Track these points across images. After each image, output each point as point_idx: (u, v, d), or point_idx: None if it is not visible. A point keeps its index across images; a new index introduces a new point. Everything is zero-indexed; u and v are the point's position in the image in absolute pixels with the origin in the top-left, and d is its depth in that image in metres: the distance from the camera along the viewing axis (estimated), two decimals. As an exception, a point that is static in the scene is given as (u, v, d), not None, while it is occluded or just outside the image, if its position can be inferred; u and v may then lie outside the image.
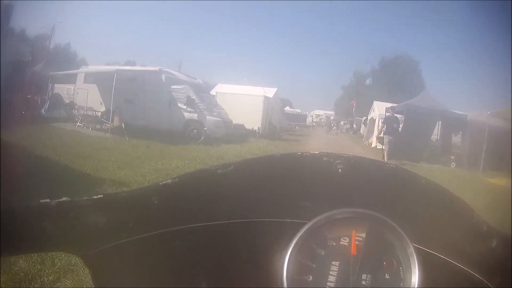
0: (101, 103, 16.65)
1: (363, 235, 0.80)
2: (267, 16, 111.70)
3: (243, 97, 21.82)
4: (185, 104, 16.32)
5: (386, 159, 12.94)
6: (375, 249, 0.80)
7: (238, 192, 0.86)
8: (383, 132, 15.54)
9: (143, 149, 11.32)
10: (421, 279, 0.75)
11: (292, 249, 0.78)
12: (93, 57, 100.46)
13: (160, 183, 0.80)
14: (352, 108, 43.78)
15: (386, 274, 0.78)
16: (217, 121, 16.42)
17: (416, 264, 0.76)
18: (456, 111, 20.19)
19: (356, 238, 0.80)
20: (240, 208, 0.86)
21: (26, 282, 3.12)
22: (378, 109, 23.45)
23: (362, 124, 32.70)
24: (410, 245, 0.78)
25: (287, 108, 45.95)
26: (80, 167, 7.62)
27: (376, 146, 21.21)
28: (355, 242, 0.80)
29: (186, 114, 16.33)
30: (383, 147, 15.47)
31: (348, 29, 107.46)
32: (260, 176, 0.86)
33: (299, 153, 0.86)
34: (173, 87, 16.62)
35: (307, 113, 56.92)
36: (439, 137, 20.35)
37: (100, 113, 16.00)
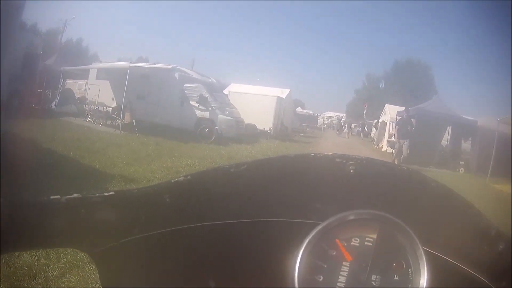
0: (113, 99, 16.76)
1: (374, 236, 0.81)
2: (282, 18, 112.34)
3: (256, 97, 21.86)
4: (198, 103, 16.32)
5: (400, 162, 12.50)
6: (386, 251, 0.80)
7: (251, 192, 0.86)
8: (396, 136, 14.97)
9: (154, 146, 11.35)
10: (429, 281, 0.76)
11: (304, 249, 0.79)
12: (105, 53, 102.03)
13: (172, 181, 0.81)
14: (364, 111, 43.76)
15: (395, 276, 0.79)
16: (229, 120, 16.36)
17: (425, 266, 0.77)
18: (467, 117, 20.06)
19: (366, 239, 0.81)
20: (252, 208, 0.87)
21: (30, 277, 3.07)
22: (390, 113, 23.38)
23: (373, 127, 32.60)
24: (420, 247, 0.78)
25: (299, 109, 46.10)
26: (89, 162, 7.65)
27: (387, 150, 21.08)
28: (344, 249, 0.80)
29: (198, 113, 16.32)
30: (393, 151, 14.92)
31: (362, 33, 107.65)
32: (273, 176, 0.86)
33: (313, 154, 0.87)
34: (186, 85, 16.66)
35: (319, 115, 57.03)
36: (449, 142, 20.24)
37: (111, 109, 16.10)
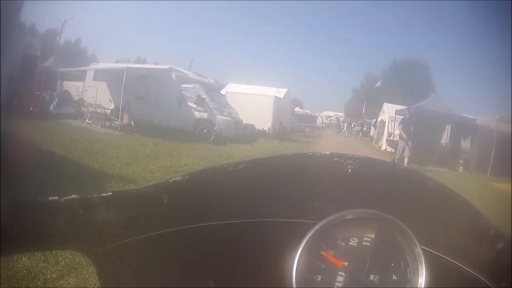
0: (111, 101, 16.70)
1: (372, 236, 0.81)
2: (278, 17, 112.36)
3: (254, 97, 21.83)
4: (195, 103, 16.28)
5: (406, 164, 12.13)
6: (384, 250, 0.80)
7: (248, 191, 0.86)
8: (400, 135, 14.33)
9: (152, 147, 11.32)
10: (428, 281, 0.75)
11: (302, 249, 0.79)
12: (104, 54, 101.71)
13: (170, 181, 0.80)
14: (362, 110, 43.77)
15: (394, 275, 0.78)
16: (227, 121, 16.34)
17: (424, 266, 0.76)
18: (466, 115, 20.01)
19: (365, 239, 0.81)
20: (250, 208, 0.86)
21: (29, 280, 3.05)
22: (388, 111, 23.39)
23: (372, 127, 32.62)
24: (418, 246, 0.78)
25: (297, 109, 46.09)
26: (88, 163, 7.62)
27: (386, 149, 21.05)
28: (332, 258, 0.79)
29: (196, 113, 16.29)
30: (397, 151, 14.46)
31: (360, 32, 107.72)
32: (271, 176, 0.86)
33: (310, 153, 0.86)
34: (184, 86, 16.61)
35: (317, 114, 57.05)
36: (448, 141, 20.20)
37: (110, 111, 16.07)
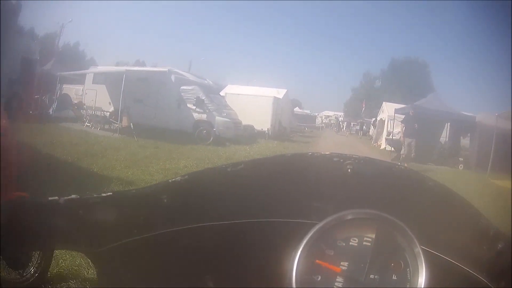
0: (110, 103, 16.69)
1: (373, 236, 0.81)
2: (277, 18, 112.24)
3: (253, 98, 21.82)
4: (195, 105, 16.29)
5: (406, 163, 12.00)
6: (384, 250, 0.80)
7: (248, 192, 0.86)
8: (403, 134, 14.35)
9: (152, 149, 11.31)
10: (427, 281, 0.76)
11: (302, 249, 0.79)
12: (103, 57, 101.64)
13: (170, 181, 0.81)
14: (361, 110, 43.73)
15: (394, 275, 0.78)
16: (227, 122, 16.34)
17: (423, 266, 0.76)
18: (465, 113, 20.00)
19: (365, 239, 0.81)
20: (249, 208, 0.86)
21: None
22: (387, 110, 23.34)
23: (371, 126, 32.58)
24: (418, 246, 0.78)
25: (297, 109, 46.04)
26: (88, 166, 7.61)
27: (385, 148, 21.03)
28: (330, 266, 0.79)
29: (195, 115, 16.29)
30: (402, 151, 14.28)
31: (359, 31, 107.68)
32: (270, 176, 0.85)
33: (310, 153, 0.86)
34: (183, 88, 16.61)
35: (317, 114, 57.00)
36: (448, 139, 20.18)
37: (109, 113, 16.06)
